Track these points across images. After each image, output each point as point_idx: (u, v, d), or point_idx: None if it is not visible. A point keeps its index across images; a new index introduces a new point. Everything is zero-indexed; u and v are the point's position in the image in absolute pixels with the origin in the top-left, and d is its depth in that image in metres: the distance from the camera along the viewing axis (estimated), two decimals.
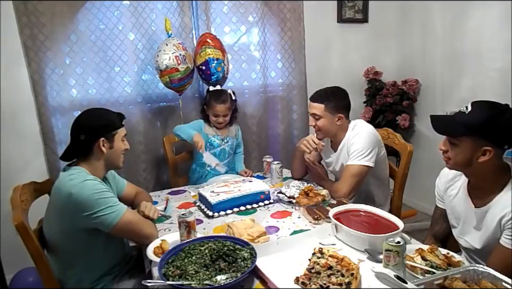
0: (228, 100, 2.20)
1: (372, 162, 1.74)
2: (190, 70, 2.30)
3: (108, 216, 1.33)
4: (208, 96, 2.23)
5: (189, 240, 1.32)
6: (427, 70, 2.91)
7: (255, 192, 1.73)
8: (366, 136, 1.77)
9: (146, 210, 1.47)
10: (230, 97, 2.23)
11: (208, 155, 2.05)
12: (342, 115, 1.81)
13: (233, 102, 2.26)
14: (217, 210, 1.65)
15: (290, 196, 1.73)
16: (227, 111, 2.20)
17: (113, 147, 1.45)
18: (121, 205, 1.38)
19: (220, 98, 2.17)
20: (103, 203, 1.32)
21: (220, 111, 2.17)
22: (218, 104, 2.16)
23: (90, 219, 1.32)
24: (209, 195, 1.70)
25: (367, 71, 3.08)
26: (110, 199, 1.35)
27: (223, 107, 2.17)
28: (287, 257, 1.25)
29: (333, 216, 1.40)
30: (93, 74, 2.34)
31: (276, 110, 2.84)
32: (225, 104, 2.18)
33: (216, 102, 2.16)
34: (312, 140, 1.84)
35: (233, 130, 2.33)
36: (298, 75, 2.81)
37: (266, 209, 1.71)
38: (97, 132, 1.42)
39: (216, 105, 2.16)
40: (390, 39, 3.11)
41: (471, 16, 2.54)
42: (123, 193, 1.66)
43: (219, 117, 2.18)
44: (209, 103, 2.20)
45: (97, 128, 1.42)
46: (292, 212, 1.65)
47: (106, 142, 1.43)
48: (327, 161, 2.01)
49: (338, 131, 1.85)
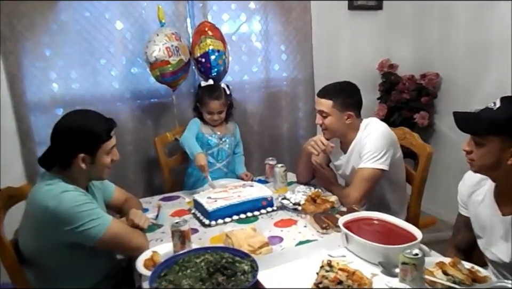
0: (222, 96, 2.20)
1: (386, 165, 1.74)
2: (183, 62, 2.30)
3: (92, 230, 1.32)
4: (200, 92, 2.24)
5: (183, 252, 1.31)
6: (448, 62, 2.91)
7: (256, 198, 1.73)
8: (379, 136, 1.76)
9: (135, 218, 1.47)
10: (224, 92, 2.24)
11: (211, 183, 1.98)
12: (352, 113, 1.81)
13: (228, 97, 2.27)
14: (215, 218, 1.65)
15: (296, 203, 1.73)
16: (222, 108, 2.21)
17: (95, 163, 1.40)
18: (106, 216, 1.38)
19: (213, 94, 2.18)
20: (85, 216, 1.32)
21: (214, 108, 2.18)
22: (212, 101, 2.17)
23: (72, 234, 1.31)
24: (206, 201, 1.70)
25: (381, 64, 3.08)
26: (93, 211, 1.34)
27: (218, 104, 2.18)
28: (292, 270, 1.25)
29: (343, 224, 1.40)
30: (76, 67, 2.34)
31: (279, 107, 2.83)
32: (220, 100, 2.18)
33: (210, 99, 2.17)
34: (320, 141, 1.84)
35: (231, 128, 2.33)
36: (304, 69, 2.81)
37: (269, 217, 1.70)
38: (77, 147, 1.37)
39: (209, 102, 2.17)
40: (407, 28, 3.11)
41: (497, 2, 2.54)
42: (111, 199, 1.66)
43: (213, 114, 2.19)
44: (202, 100, 2.21)
45: (76, 142, 1.36)
46: (298, 220, 1.65)
47: (87, 158, 1.38)
48: (336, 164, 2.00)
49: (348, 131, 1.84)
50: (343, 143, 1.93)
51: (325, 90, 1.84)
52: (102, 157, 1.42)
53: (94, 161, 1.41)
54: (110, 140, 1.44)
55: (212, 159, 2.25)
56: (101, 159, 1.42)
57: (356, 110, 1.84)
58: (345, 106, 1.80)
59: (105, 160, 1.43)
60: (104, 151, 1.42)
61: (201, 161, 1.98)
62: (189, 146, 2.08)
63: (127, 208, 1.60)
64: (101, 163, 1.43)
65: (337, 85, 1.84)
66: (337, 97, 1.79)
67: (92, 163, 1.41)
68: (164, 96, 2.54)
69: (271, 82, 2.78)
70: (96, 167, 1.42)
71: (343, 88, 1.83)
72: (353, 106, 1.82)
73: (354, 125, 1.84)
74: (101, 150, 1.41)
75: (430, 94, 2.96)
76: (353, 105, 1.82)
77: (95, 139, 1.40)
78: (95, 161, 1.41)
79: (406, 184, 1.97)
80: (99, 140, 1.41)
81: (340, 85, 1.84)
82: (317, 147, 1.84)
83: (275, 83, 2.81)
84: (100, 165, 1.43)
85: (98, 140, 1.41)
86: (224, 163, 2.28)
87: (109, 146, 1.44)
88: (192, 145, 2.08)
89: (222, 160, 2.27)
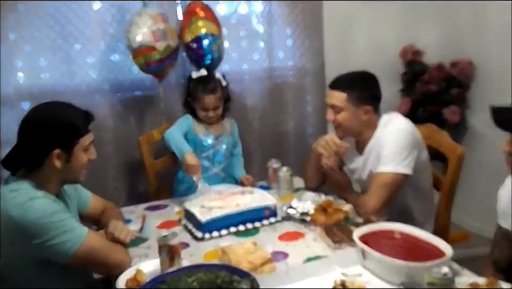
0: (217, 88, 2.20)
1: (410, 168, 1.75)
2: (172, 48, 2.31)
3: (64, 244, 1.32)
4: (192, 85, 2.24)
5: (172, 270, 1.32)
6: (482, 48, 2.91)
7: (257, 207, 1.74)
8: (401, 134, 1.77)
9: (116, 231, 1.48)
10: (220, 84, 2.24)
11: (205, 187, 1.97)
12: (370, 108, 1.82)
13: (225, 89, 2.27)
14: (209, 230, 1.66)
15: (304, 212, 1.74)
16: (218, 103, 2.21)
17: (71, 161, 1.40)
18: (81, 228, 1.38)
19: (207, 87, 2.18)
20: (57, 228, 1.32)
21: (209, 104, 2.18)
22: (206, 95, 2.17)
23: (41, 249, 1.31)
24: (199, 211, 1.71)
25: (404, 50, 3.08)
26: (66, 221, 1.35)
27: (213, 98, 2.18)
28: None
29: (359, 238, 1.40)
30: (46, 53, 2.35)
31: (284, 101, 2.84)
32: (215, 93, 2.18)
33: (204, 93, 2.17)
34: (332, 140, 1.84)
35: (228, 125, 2.34)
36: (313, 57, 2.81)
37: (272, 229, 1.71)
38: (50, 142, 1.37)
39: (203, 97, 2.17)
40: (434, 9, 3.11)
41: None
42: (87, 209, 1.67)
43: (209, 110, 2.19)
44: (194, 94, 2.21)
45: (50, 136, 1.37)
46: (306, 233, 1.65)
47: (62, 154, 1.38)
48: (351, 168, 2.01)
49: (365, 129, 1.85)
50: (359, 142, 1.93)
51: (338, 81, 1.84)
52: (78, 154, 1.42)
53: (69, 159, 1.41)
54: (87, 135, 1.44)
55: (207, 163, 2.25)
56: (78, 156, 1.42)
57: (374, 104, 1.84)
58: (361, 100, 1.80)
59: (82, 158, 1.43)
60: (81, 147, 1.42)
61: (193, 160, 1.96)
62: (176, 142, 2.04)
63: (105, 219, 1.61)
64: (78, 162, 1.43)
65: (352, 75, 1.84)
66: (352, 89, 1.80)
67: (67, 161, 1.40)
68: (150, 88, 2.55)
69: (275, 72, 2.79)
70: (71, 166, 1.42)
71: (359, 79, 1.84)
72: (370, 100, 1.82)
73: (372, 121, 1.84)
74: (78, 145, 1.41)
75: (461, 85, 2.96)
76: (371, 99, 1.83)
77: (72, 132, 1.40)
78: (71, 159, 1.41)
79: (433, 191, 1.97)
80: (76, 133, 1.41)
81: (356, 75, 1.84)
82: (328, 148, 1.85)
83: (279, 73, 2.81)
84: (76, 164, 1.43)
85: (75, 133, 1.41)
86: (221, 167, 2.29)
87: (87, 141, 1.44)
88: (179, 141, 2.04)
89: (218, 163, 2.28)
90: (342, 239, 1.53)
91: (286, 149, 2.85)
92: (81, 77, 2.42)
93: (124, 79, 2.51)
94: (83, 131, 1.43)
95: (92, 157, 1.48)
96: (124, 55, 2.46)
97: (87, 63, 2.42)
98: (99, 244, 1.41)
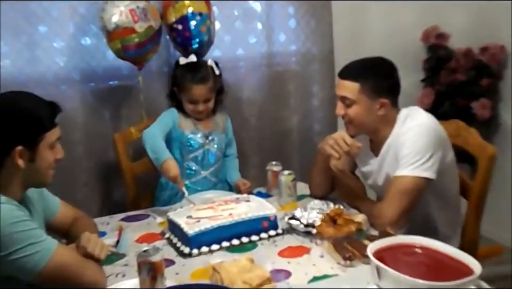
0: (209, 77, 2.21)
1: (433, 172, 1.75)
2: (154, 30, 2.31)
3: (30, 259, 1.32)
4: (179, 73, 2.24)
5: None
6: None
7: (254, 217, 1.73)
8: (423, 132, 1.77)
9: (89, 245, 1.47)
10: (212, 72, 2.24)
11: (190, 198, 1.97)
12: (387, 101, 1.82)
13: (218, 78, 2.27)
14: (197, 245, 1.65)
15: (309, 224, 1.74)
16: (209, 94, 2.21)
17: (36, 160, 1.41)
18: (50, 241, 1.38)
19: (197, 76, 2.18)
20: (21, 240, 1.31)
21: (199, 95, 2.18)
22: (195, 85, 2.17)
23: (3, 264, 1.31)
24: (185, 222, 1.70)
25: (427, 33, 3.09)
26: (32, 232, 1.35)
27: (203, 89, 2.18)
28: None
29: (374, 254, 1.40)
30: (5, 37, 2.34)
31: (286, 93, 2.85)
32: (206, 83, 2.19)
33: (192, 82, 2.17)
34: (343, 139, 1.84)
35: (220, 121, 2.34)
36: (320, 40, 2.82)
37: (271, 243, 1.71)
38: (11, 138, 1.37)
39: (192, 87, 2.17)
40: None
41: None
42: (55, 218, 1.66)
43: (198, 103, 2.20)
44: (181, 84, 2.21)
45: (11, 131, 1.37)
46: (311, 248, 1.65)
47: (26, 152, 1.39)
48: (364, 171, 2.01)
49: (381, 125, 1.85)
50: (374, 141, 1.93)
51: (350, 69, 1.85)
52: (44, 152, 1.42)
53: (34, 158, 1.41)
54: (54, 129, 1.45)
55: (195, 166, 2.26)
56: (43, 155, 1.42)
57: (392, 96, 1.84)
58: (377, 91, 1.80)
59: (48, 156, 1.44)
60: (47, 143, 1.43)
61: (172, 171, 1.95)
62: (153, 147, 2.03)
63: (76, 230, 1.60)
64: (43, 161, 1.43)
65: (366, 62, 1.85)
66: (366, 78, 1.80)
67: (32, 161, 1.41)
68: (127, 77, 2.55)
69: (275, 59, 2.79)
70: (36, 166, 1.42)
71: (375, 66, 1.84)
72: (388, 91, 1.83)
73: (389, 116, 1.85)
74: (43, 142, 1.42)
75: (493, 74, 2.97)
76: (388, 90, 1.83)
77: (36, 126, 1.40)
78: (35, 157, 1.41)
79: (460, 199, 1.98)
80: (41, 127, 1.41)
81: (370, 62, 1.85)
82: (338, 148, 1.85)
83: (280, 59, 2.82)
84: (42, 164, 1.43)
85: (40, 127, 1.41)
86: (211, 170, 2.29)
87: (53, 137, 1.44)
88: (156, 146, 2.02)
89: (209, 166, 2.28)
90: (353, 255, 1.52)
91: (289, 150, 2.86)
92: (47, 65, 2.41)
93: (96, 67, 2.51)
94: (49, 125, 1.43)
95: (58, 156, 1.48)
96: (96, 39, 2.46)
97: (53, 48, 2.41)
98: (70, 260, 1.40)
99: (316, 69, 2.85)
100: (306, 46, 2.82)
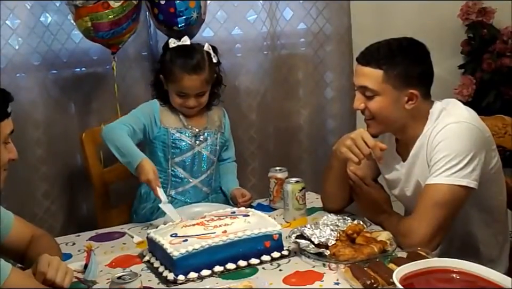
0: (204, 66, 2.20)
1: (473, 179, 1.74)
2: (132, 5, 2.31)
3: None
4: (169, 58, 2.24)
5: None
6: None
7: (254, 235, 1.73)
8: (462, 131, 1.77)
9: (50, 271, 1.48)
10: (209, 60, 2.23)
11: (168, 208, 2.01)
12: (417, 92, 1.82)
13: (214, 67, 2.27)
14: (184, 270, 1.65)
15: (321, 243, 1.74)
16: (203, 87, 2.21)
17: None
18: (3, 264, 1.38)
19: (189, 63, 2.17)
20: None
21: (191, 87, 2.18)
22: (187, 75, 2.17)
23: None
24: (169, 241, 1.70)
25: (466, 8, 3.09)
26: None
27: (197, 81, 2.18)
28: None
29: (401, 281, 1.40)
30: None
31: (293, 82, 2.85)
32: (200, 73, 2.18)
33: (184, 71, 2.17)
34: (363, 138, 1.84)
35: (216, 116, 2.34)
36: (335, 17, 2.82)
37: (275, 267, 1.71)
38: None
39: (183, 77, 2.17)
40: None
41: None
42: (7, 238, 1.66)
43: (189, 97, 2.19)
44: (170, 72, 2.21)
45: None
46: (324, 274, 1.65)
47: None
48: (389, 178, 2.02)
49: (409, 122, 1.86)
50: (401, 142, 1.93)
51: (371, 52, 1.84)
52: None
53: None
54: (6, 120, 1.46)
55: (182, 173, 2.26)
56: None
57: (423, 87, 1.84)
58: (405, 80, 1.80)
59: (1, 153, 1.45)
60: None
61: (144, 174, 1.99)
62: (118, 148, 2.07)
63: (34, 252, 1.61)
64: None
65: (391, 44, 1.85)
66: (391, 64, 1.80)
67: None
68: (98, 63, 2.56)
69: (280, 41, 2.80)
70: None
71: (402, 49, 1.84)
72: (418, 81, 1.82)
73: (420, 111, 1.85)
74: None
75: None
76: (419, 79, 1.83)
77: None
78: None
79: (507, 212, 1.98)
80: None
81: (396, 44, 1.85)
82: (357, 150, 1.85)
83: (287, 41, 2.82)
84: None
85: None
86: (203, 178, 2.29)
87: (6, 130, 1.46)
88: (123, 146, 2.06)
89: (199, 172, 2.28)
90: (376, 281, 1.52)
91: (296, 152, 2.87)
92: None
93: (60, 50, 2.51)
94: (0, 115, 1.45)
95: (12, 156, 1.49)
96: (60, 15, 2.46)
97: (7, 28, 2.41)
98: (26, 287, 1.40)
99: (329, 52, 2.85)
100: (319, 24, 2.82)
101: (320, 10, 2.80)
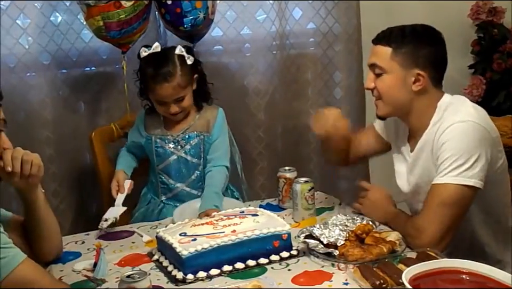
0: (175, 72, 2.14)
1: (479, 179, 1.74)
2: (143, 5, 2.31)
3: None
4: (142, 67, 2.22)
5: None
6: None
7: (263, 235, 1.73)
8: (469, 130, 1.76)
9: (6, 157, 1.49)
10: (182, 64, 2.17)
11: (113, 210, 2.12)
12: (424, 73, 1.81)
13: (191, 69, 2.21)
14: (193, 269, 1.65)
15: (330, 243, 1.74)
16: (179, 92, 2.16)
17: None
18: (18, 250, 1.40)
19: (158, 72, 2.13)
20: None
21: (166, 96, 2.15)
22: (159, 84, 2.13)
23: None
24: (178, 241, 1.70)
25: (476, 8, 3.08)
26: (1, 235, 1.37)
27: (169, 89, 2.13)
28: None
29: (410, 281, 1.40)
30: None
31: (302, 82, 2.85)
32: (172, 80, 2.13)
33: (155, 81, 2.13)
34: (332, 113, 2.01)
35: (208, 116, 2.29)
36: (345, 17, 2.82)
37: (284, 267, 1.71)
38: None
39: (155, 87, 2.14)
40: None
41: None
42: None
43: (169, 104, 2.17)
44: (145, 82, 2.20)
45: None
46: (333, 274, 1.65)
47: None
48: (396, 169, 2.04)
49: (416, 106, 1.85)
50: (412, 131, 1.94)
51: (384, 33, 1.87)
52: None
53: None
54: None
55: (168, 179, 2.27)
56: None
57: (434, 70, 1.84)
58: (412, 59, 1.81)
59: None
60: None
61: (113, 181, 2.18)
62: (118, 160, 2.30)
63: None
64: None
65: (405, 27, 1.86)
66: (401, 42, 1.81)
67: None
68: (108, 63, 2.56)
69: (289, 40, 2.80)
70: None
71: (413, 31, 1.85)
72: (426, 62, 1.82)
73: (428, 97, 1.84)
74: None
75: None
76: (427, 60, 1.82)
77: None
78: None
79: None
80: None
81: (410, 27, 1.86)
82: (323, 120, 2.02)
83: (296, 41, 2.82)
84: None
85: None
86: (190, 181, 2.27)
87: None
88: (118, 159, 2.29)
89: (187, 176, 2.27)
90: (385, 282, 1.52)
91: (305, 152, 2.87)
92: (9, 48, 2.41)
93: (70, 50, 2.51)
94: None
95: (5, 145, 1.51)
96: (70, 15, 2.46)
97: (17, 27, 2.41)
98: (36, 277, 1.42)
99: (338, 52, 2.85)
100: (328, 24, 2.82)
101: (329, 10, 2.81)
